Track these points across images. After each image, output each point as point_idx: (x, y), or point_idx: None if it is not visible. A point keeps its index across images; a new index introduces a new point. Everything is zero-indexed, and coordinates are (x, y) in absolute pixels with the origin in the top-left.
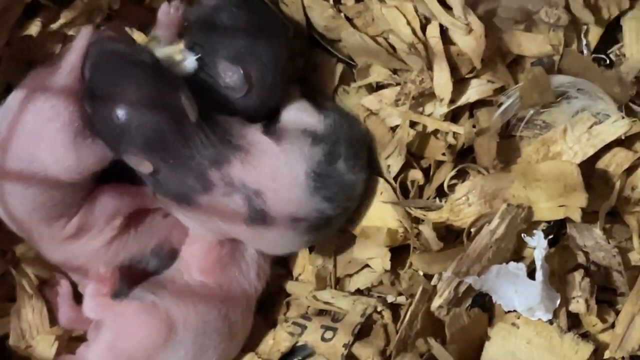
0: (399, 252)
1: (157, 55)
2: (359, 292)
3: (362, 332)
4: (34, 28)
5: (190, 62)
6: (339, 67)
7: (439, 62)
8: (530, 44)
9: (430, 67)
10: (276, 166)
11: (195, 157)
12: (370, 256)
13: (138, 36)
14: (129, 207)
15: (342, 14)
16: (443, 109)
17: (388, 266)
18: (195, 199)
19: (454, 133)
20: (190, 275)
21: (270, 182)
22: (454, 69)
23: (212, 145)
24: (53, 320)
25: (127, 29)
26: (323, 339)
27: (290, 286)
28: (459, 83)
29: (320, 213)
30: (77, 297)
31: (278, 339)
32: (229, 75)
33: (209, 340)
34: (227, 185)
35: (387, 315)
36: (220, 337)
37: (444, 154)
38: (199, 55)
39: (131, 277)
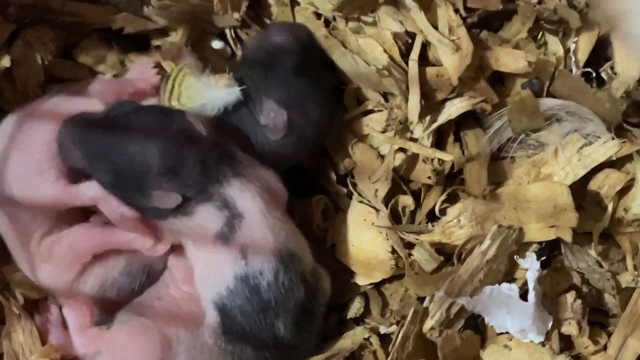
0: (389, 279)
1: (194, 82)
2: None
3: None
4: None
5: (234, 91)
6: None
7: (412, 86)
8: (508, 59)
9: (408, 92)
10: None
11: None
12: (361, 290)
13: (167, 66)
14: (98, 249)
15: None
16: (420, 131)
17: (379, 299)
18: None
19: (439, 159)
20: (176, 286)
21: None
22: (433, 90)
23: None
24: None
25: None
26: None
27: None
28: (440, 103)
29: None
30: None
31: None
32: (272, 116)
33: (201, 354)
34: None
35: (375, 341)
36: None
37: (429, 177)
38: (245, 87)
39: (107, 305)
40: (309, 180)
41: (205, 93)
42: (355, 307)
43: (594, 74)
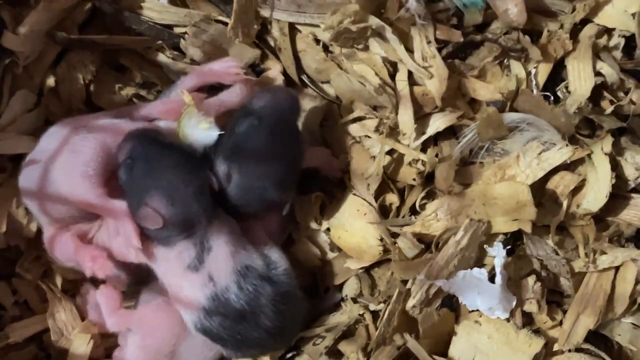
0: (378, 264)
1: (187, 120)
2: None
3: (348, 333)
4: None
5: (211, 135)
6: (325, 105)
7: (404, 102)
8: (484, 91)
9: (397, 107)
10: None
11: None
12: (353, 274)
13: (187, 97)
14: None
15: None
16: (411, 141)
17: (369, 281)
18: (175, 244)
19: (423, 161)
20: None
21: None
22: (420, 106)
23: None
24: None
25: (180, 91)
26: (314, 344)
27: None
28: (426, 117)
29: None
30: None
31: None
32: (218, 168)
33: None
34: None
35: (368, 317)
36: None
37: (414, 179)
38: (222, 132)
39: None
40: (314, 175)
41: (191, 132)
42: (353, 288)
43: (553, 97)
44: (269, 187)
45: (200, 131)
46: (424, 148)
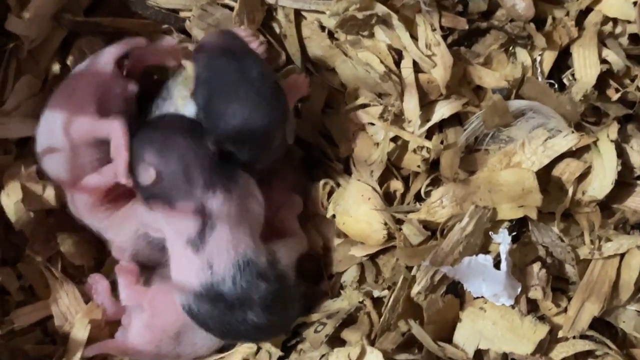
0: (382, 251)
1: (173, 87)
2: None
3: (350, 321)
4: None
5: (189, 107)
6: (328, 92)
7: (409, 90)
8: (489, 78)
9: (402, 94)
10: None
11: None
12: (357, 261)
13: (189, 67)
14: (101, 194)
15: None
16: (416, 128)
17: (373, 269)
18: (175, 204)
19: (428, 148)
20: None
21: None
22: (425, 94)
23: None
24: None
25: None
26: (315, 330)
27: None
28: (431, 104)
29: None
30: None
31: None
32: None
33: None
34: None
35: (368, 304)
36: None
37: (419, 166)
38: (197, 108)
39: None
40: (317, 162)
41: (175, 101)
42: (352, 275)
43: (557, 84)
44: (272, 134)
45: (179, 102)
46: (429, 135)
